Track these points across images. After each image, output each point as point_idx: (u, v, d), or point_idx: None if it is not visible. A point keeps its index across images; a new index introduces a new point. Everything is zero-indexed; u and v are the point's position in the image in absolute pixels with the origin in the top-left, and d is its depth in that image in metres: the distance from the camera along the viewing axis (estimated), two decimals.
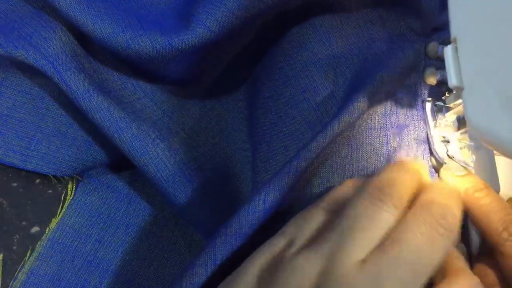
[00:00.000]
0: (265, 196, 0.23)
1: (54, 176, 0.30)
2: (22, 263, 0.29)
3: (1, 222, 0.29)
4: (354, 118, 0.24)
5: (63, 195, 0.31)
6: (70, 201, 0.30)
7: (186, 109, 0.31)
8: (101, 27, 0.25)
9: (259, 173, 0.29)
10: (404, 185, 0.21)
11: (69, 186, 0.31)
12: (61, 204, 0.31)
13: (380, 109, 0.27)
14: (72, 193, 0.31)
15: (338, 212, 0.21)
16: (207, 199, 0.28)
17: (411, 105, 0.28)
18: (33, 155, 0.29)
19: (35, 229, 0.30)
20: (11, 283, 0.28)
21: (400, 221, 0.20)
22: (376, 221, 0.19)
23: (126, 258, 0.30)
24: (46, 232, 0.30)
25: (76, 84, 0.25)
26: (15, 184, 0.30)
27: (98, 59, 0.29)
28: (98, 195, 0.31)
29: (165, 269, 0.30)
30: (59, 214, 0.30)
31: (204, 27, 0.25)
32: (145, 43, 0.25)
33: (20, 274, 0.28)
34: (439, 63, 0.28)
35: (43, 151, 0.29)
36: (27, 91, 0.29)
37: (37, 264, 0.29)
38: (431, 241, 0.19)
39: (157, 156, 0.27)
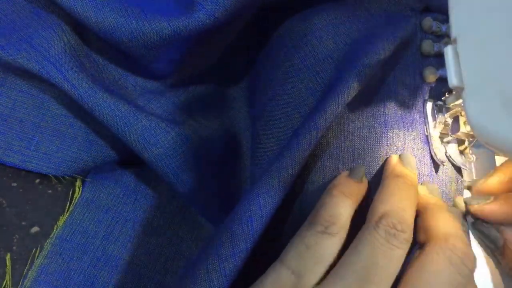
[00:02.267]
0: (292, 170, 0.23)
1: (54, 176, 0.30)
2: (30, 260, 0.29)
3: (1, 222, 0.29)
4: (362, 84, 0.24)
5: (70, 192, 0.31)
6: (78, 199, 0.30)
7: (190, 96, 0.31)
8: (104, 18, 0.25)
9: (261, 146, 0.28)
10: (411, 212, 0.22)
11: (77, 183, 0.31)
12: (68, 201, 0.30)
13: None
14: (80, 191, 0.31)
15: (339, 233, 0.21)
16: (217, 183, 0.29)
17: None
18: (33, 155, 0.29)
19: (35, 229, 0.30)
20: (21, 281, 0.28)
21: (422, 257, 0.20)
22: (392, 260, 0.20)
23: (135, 253, 0.30)
24: (54, 230, 0.30)
25: (80, 83, 0.25)
26: (15, 184, 0.30)
27: (97, 58, 0.29)
28: (106, 190, 0.31)
29: (174, 262, 0.30)
30: (67, 211, 0.30)
31: (205, 11, 0.25)
32: (149, 31, 0.25)
33: (30, 272, 0.28)
34: (434, 37, 0.30)
35: (43, 151, 0.29)
36: (27, 91, 0.29)
37: (47, 262, 0.29)
38: (453, 285, 0.19)
39: (169, 145, 0.27)
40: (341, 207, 0.22)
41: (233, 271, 0.21)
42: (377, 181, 0.25)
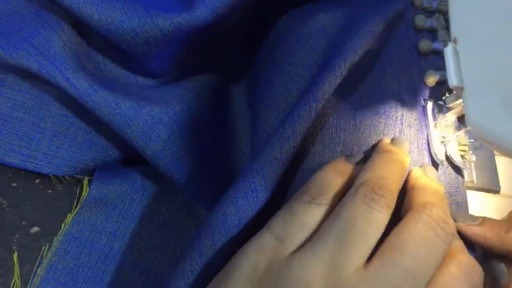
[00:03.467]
0: (294, 141, 0.23)
1: (54, 176, 0.30)
2: (39, 258, 0.29)
3: (1, 222, 0.29)
4: (358, 57, 0.25)
5: (78, 190, 0.31)
6: (85, 197, 0.30)
7: (190, 89, 0.31)
8: (106, 16, 0.25)
9: (260, 126, 0.28)
10: (394, 182, 0.22)
11: (84, 181, 0.31)
12: (76, 199, 0.31)
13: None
14: (87, 188, 0.31)
15: (326, 204, 0.21)
16: (220, 176, 0.29)
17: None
18: (33, 155, 0.29)
19: (35, 229, 0.30)
20: (31, 279, 0.28)
21: (400, 223, 0.20)
22: (372, 224, 0.20)
23: (142, 249, 0.30)
24: (62, 227, 0.30)
25: (80, 82, 0.25)
26: (15, 184, 0.30)
27: (97, 58, 0.29)
28: (113, 188, 0.31)
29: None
30: (74, 209, 0.30)
31: (207, 7, 0.25)
32: (151, 28, 0.25)
33: (39, 270, 0.28)
34: (426, 14, 0.31)
35: (43, 151, 0.29)
36: (27, 91, 0.29)
37: (55, 260, 0.29)
38: (431, 247, 0.19)
39: (170, 139, 0.27)
40: (330, 180, 0.22)
41: (239, 242, 0.21)
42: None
